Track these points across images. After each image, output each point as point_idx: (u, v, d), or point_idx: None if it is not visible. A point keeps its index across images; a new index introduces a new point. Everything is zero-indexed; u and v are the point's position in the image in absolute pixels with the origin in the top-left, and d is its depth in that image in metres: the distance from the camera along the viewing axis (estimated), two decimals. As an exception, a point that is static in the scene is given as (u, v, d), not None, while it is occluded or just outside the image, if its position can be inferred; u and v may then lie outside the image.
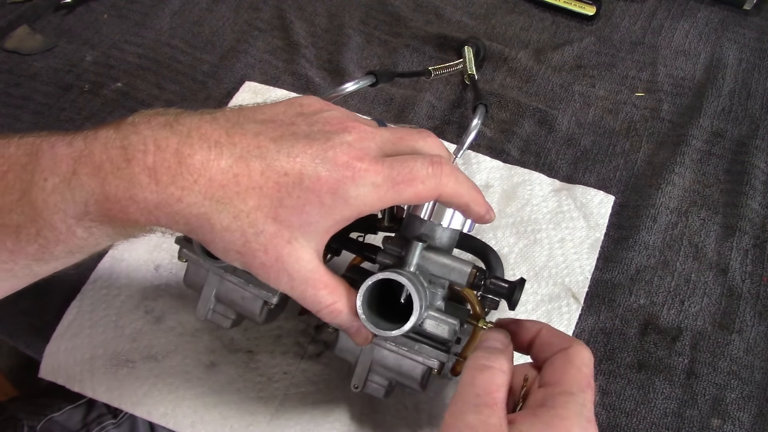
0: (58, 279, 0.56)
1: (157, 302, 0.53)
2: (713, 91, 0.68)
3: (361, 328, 0.39)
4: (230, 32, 0.76)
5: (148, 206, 0.32)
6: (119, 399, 0.49)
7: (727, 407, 0.48)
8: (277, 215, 0.34)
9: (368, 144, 0.36)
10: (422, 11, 0.78)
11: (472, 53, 0.69)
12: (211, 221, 0.33)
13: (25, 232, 0.33)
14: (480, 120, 0.59)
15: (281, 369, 0.50)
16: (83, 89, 0.70)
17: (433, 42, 0.74)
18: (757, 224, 0.57)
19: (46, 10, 0.78)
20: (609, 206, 0.59)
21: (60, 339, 0.51)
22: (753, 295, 0.53)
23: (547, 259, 0.55)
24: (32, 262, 0.35)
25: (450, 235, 0.42)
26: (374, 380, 0.43)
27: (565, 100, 0.68)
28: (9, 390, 1.07)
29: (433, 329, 0.41)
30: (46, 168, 0.32)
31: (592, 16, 0.75)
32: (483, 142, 0.65)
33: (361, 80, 0.62)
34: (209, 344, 0.51)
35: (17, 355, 1.11)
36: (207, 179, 0.32)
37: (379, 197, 0.35)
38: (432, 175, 0.36)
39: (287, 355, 0.51)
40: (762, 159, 0.62)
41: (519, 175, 0.61)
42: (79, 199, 0.32)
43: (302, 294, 0.36)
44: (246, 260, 0.35)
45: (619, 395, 0.49)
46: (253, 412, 0.48)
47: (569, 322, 0.52)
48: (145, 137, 0.32)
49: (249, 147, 0.34)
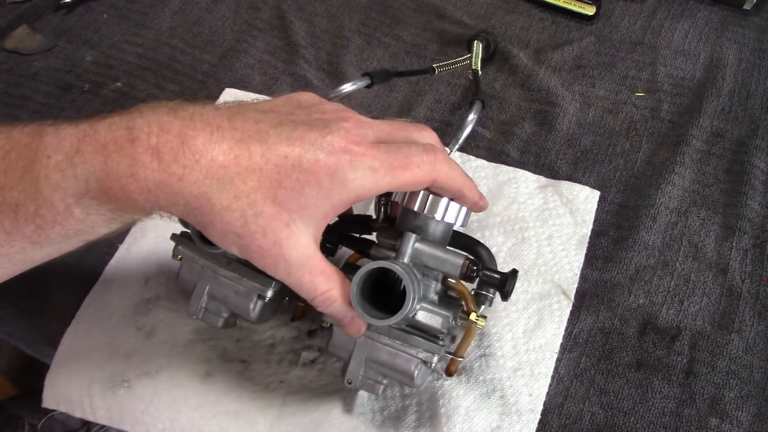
0: (59, 279, 0.56)
1: (148, 317, 0.53)
2: (713, 90, 0.68)
3: (355, 318, 0.39)
4: (230, 32, 0.76)
5: (149, 185, 0.33)
6: (120, 420, 0.48)
7: (726, 407, 0.48)
8: (276, 196, 0.34)
9: (365, 131, 0.37)
10: (422, 11, 0.78)
11: (480, 48, 0.69)
12: (212, 201, 0.33)
13: (23, 210, 0.33)
14: (476, 115, 0.59)
15: (277, 378, 0.50)
16: (83, 89, 0.70)
17: (434, 42, 0.74)
18: (757, 224, 0.57)
19: (46, 10, 0.78)
20: (595, 201, 0.59)
21: (59, 367, 0.51)
22: (752, 295, 0.53)
23: (536, 257, 0.55)
24: (28, 246, 0.35)
25: (443, 228, 0.43)
26: (368, 376, 0.43)
27: (565, 99, 0.68)
28: (9, 389, 1.07)
29: (426, 321, 0.42)
30: (49, 146, 0.33)
31: (592, 16, 0.75)
32: (482, 143, 0.65)
33: (356, 82, 0.62)
34: (203, 354, 0.51)
35: (17, 355, 1.12)
36: (209, 159, 0.33)
37: (376, 181, 0.36)
38: (427, 161, 0.37)
39: (282, 363, 0.51)
40: (762, 159, 0.61)
41: (504, 173, 0.61)
42: (80, 176, 0.32)
43: (299, 280, 0.37)
44: (244, 243, 0.35)
45: (618, 394, 0.49)
46: (252, 421, 0.47)
47: (560, 319, 0.52)
48: (150, 121, 0.33)
49: (250, 131, 0.34)
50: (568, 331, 0.51)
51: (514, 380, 0.49)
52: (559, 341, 0.51)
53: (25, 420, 0.86)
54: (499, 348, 0.50)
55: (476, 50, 0.68)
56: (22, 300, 0.55)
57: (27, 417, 0.86)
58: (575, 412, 0.48)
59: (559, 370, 0.50)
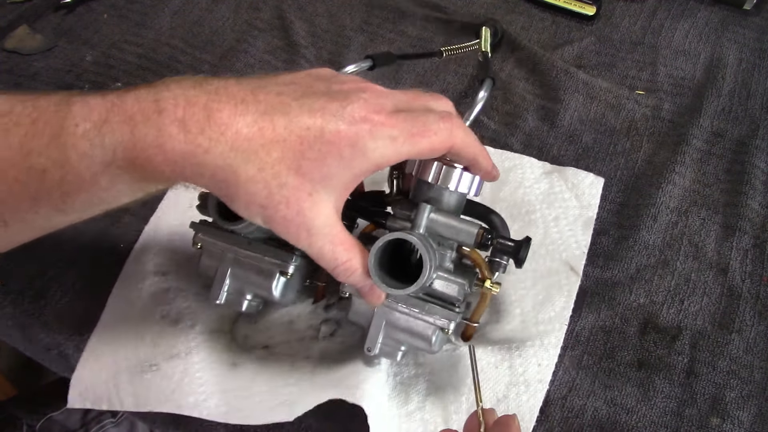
0: (59, 279, 0.56)
1: (172, 305, 0.53)
2: (713, 90, 0.68)
3: (374, 288, 0.40)
4: (230, 32, 0.76)
5: (175, 156, 0.33)
6: (146, 402, 0.48)
7: (727, 406, 0.48)
8: (299, 167, 0.35)
9: (384, 101, 0.38)
10: (424, 11, 0.78)
11: (489, 33, 0.69)
12: (237, 172, 0.34)
13: (49, 176, 0.33)
14: (487, 93, 0.59)
15: (302, 355, 0.50)
16: (83, 89, 0.70)
17: (440, 35, 0.74)
18: (757, 224, 0.57)
19: (46, 10, 0.78)
20: (599, 187, 0.59)
21: (84, 366, 0.51)
22: (753, 294, 0.53)
23: (543, 237, 0.56)
24: (52, 212, 0.35)
25: (457, 198, 0.43)
26: (387, 343, 0.45)
27: (568, 92, 0.68)
28: (8, 390, 1.07)
29: (443, 289, 0.43)
30: (77, 115, 0.33)
31: (592, 16, 0.75)
32: (487, 134, 0.65)
33: (359, 64, 0.62)
34: (227, 345, 0.51)
35: (17, 355, 1.11)
36: (234, 132, 0.33)
37: (396, 149, 0.36)
38: (444, 128, 0.38)
39: (303, 341, 0.51)
40: (762, 159, 0.62)
41: (510, 160, 0.62)
42: (108, 145, 0.33)
43: (320, 250, 0.38)
44: (268, 214, 0.36)
45: (619, 393, 0.49)
46: (287, 394, 0.47)
47: (569, 293, 0.52)
48: (176, 94, 0.33)
49: (273, 103, 0.35)
50: (570, 328, 0.51)
51: (522, 350, 0.49)
52: (568, 314, 0.51)
53: (24, 420, 0.86)
54: (508, 322, 0.51)
55: (485, 35, 0.69)
56: (22, 300, 0.55)
57: (25, 418, 0.86)
58: (578, 405, 0.48)
59: (564, 362, 0.50)
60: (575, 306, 0.52)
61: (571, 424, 0.47)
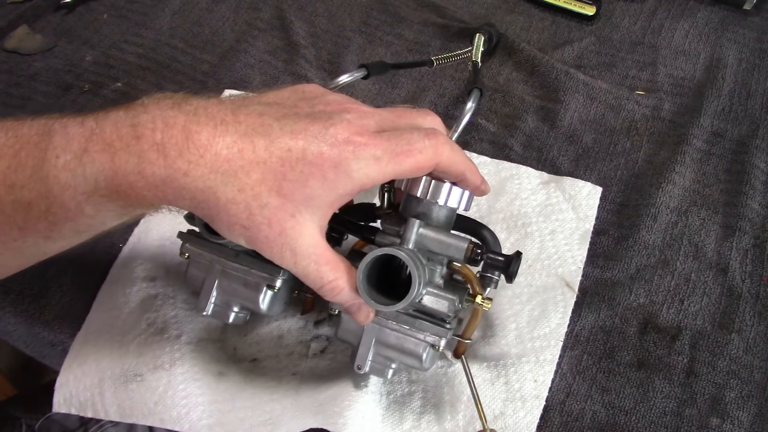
0: (59, 279, 0.56)
1: (158, 313, 0.52)
2: (713, 91, 0.68)
3: (362, 306, 0.40)
4: (230, 32, 0.76)
5: (156, 181, 0.33)
6: (130, 413, 0.48)
7: (727, 406, 0.48)
8: (280, 189, 0.35)
9: (367, 121, 0.37)
10: (423, 11, 0.78)
11: (482, 40, 0.69)
12: (217, 194, 0.34)
13: (35, 208, 0.34)
14: (474, 104, 0.59)
15: (289, 371, 0.50)
16: (83, 89, 0.70)
17: (437, 39, 0.74)
18: (757, 224, 0.57)
19: (46, 10, 0.78)
20: (597, 197, 0.59)
21: (68, 370, 0.51)
22: (753, 295, 0.53)
23: (539, 252, 0.55)
24: (41, 240, 0.36)
25: (447, 213, 0.43)
26: (377, 361, 0.44)
27: (568, 92, 0.68)
28: (8, 389, 1.07)
29: (433, 305, 0.42)
30: (58, 146, 0.33)
31: (592, 16, 0.75)
32: (486, 137, 0.65)
33: (352, 73, 0.62)
34: (214, 354, 0.51)
35: (17, 355, 1.11)
36: (213, 154, 0.33)
37: (380, 169, 0.36)
38: (429, 146, 0.37)
39: (292, 356, 0.51)
40: (762, 159, 0.62)
41: (506, 170, 0.61)
42: (89, 176, 0.33)
43: (305, 270, 0.37)
44: (250, 234, 0.35)
45: (619, 393, 0.49)
46: (269, 411, 0.47)
47: (565, 309, 0.52)
48: (154, 116, 0.33)
49: (253, 125, 0.35)
50: (570, 328, 0.51)
51: (518, 366, 0.49)
52: (563, 330, 0.51)
53: (23, 420, 0.86)
54: (503, 338, 0.50)
55: (477, 43, 0.68)
56: (22, 300, 0.55)
57: (24, 417, 0.85)
58: (577, 410, 0.48)
59: (562, 366, 0.50)
60: (575, 306, 0.52)
61: (571, 428, 0.47)
